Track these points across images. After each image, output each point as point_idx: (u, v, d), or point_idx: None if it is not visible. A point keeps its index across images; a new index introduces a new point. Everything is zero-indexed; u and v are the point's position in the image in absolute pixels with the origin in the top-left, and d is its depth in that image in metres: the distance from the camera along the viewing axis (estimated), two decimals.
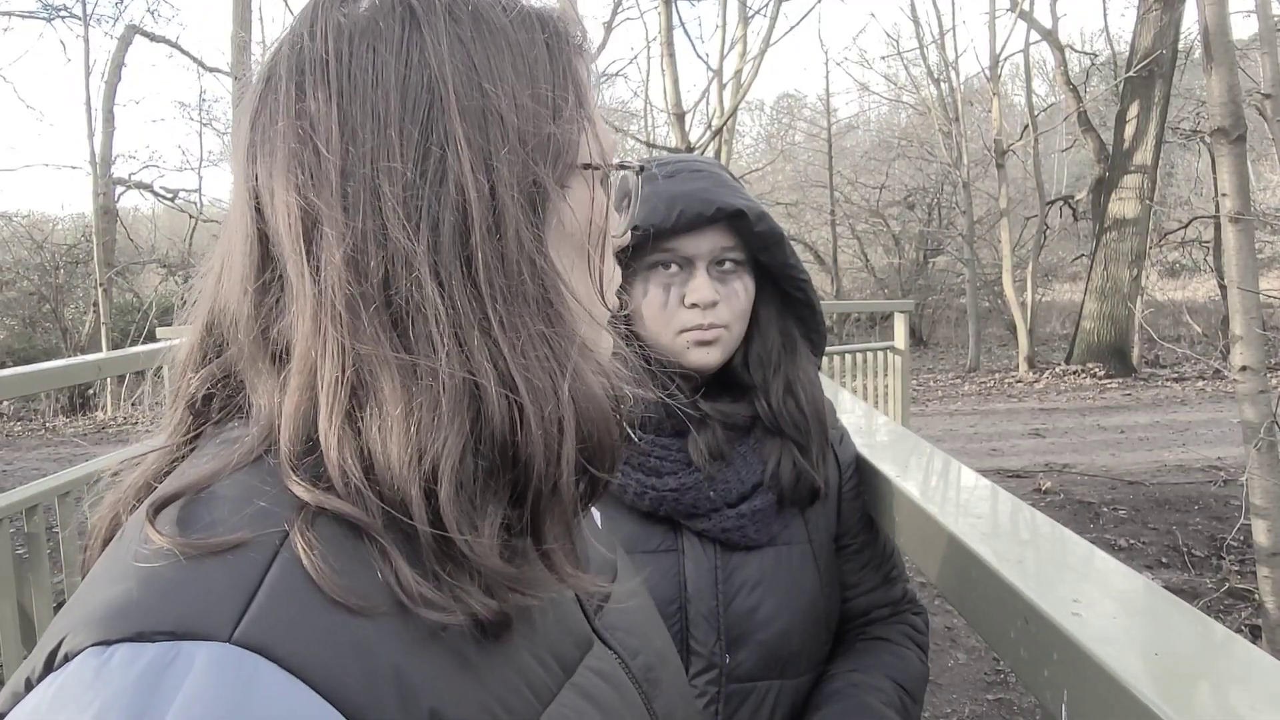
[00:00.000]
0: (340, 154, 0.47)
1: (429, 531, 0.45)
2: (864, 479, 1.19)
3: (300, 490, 0.44)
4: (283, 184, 0.48)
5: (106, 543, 0.49)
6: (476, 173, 0.48)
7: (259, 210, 0.49)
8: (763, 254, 1.08)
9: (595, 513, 0.73)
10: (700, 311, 1.03)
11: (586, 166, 0.54)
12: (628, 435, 0.55)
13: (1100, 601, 0.72)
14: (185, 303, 0.58)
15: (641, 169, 0.61)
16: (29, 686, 0.39)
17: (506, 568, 0.47)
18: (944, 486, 1.18)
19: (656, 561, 1.03)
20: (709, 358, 1.05)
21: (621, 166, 0.59)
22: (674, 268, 1.05)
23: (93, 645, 0.38)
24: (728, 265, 1.06)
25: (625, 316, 1.03)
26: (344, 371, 0.45)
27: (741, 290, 1.07)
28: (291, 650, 0.39)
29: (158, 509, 0.44)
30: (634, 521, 1.04)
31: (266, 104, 0.50)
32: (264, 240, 0.49)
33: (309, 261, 0.46)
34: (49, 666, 0.39)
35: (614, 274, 0.60)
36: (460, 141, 0.48)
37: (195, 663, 0.37)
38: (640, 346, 0.78)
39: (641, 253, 1.03)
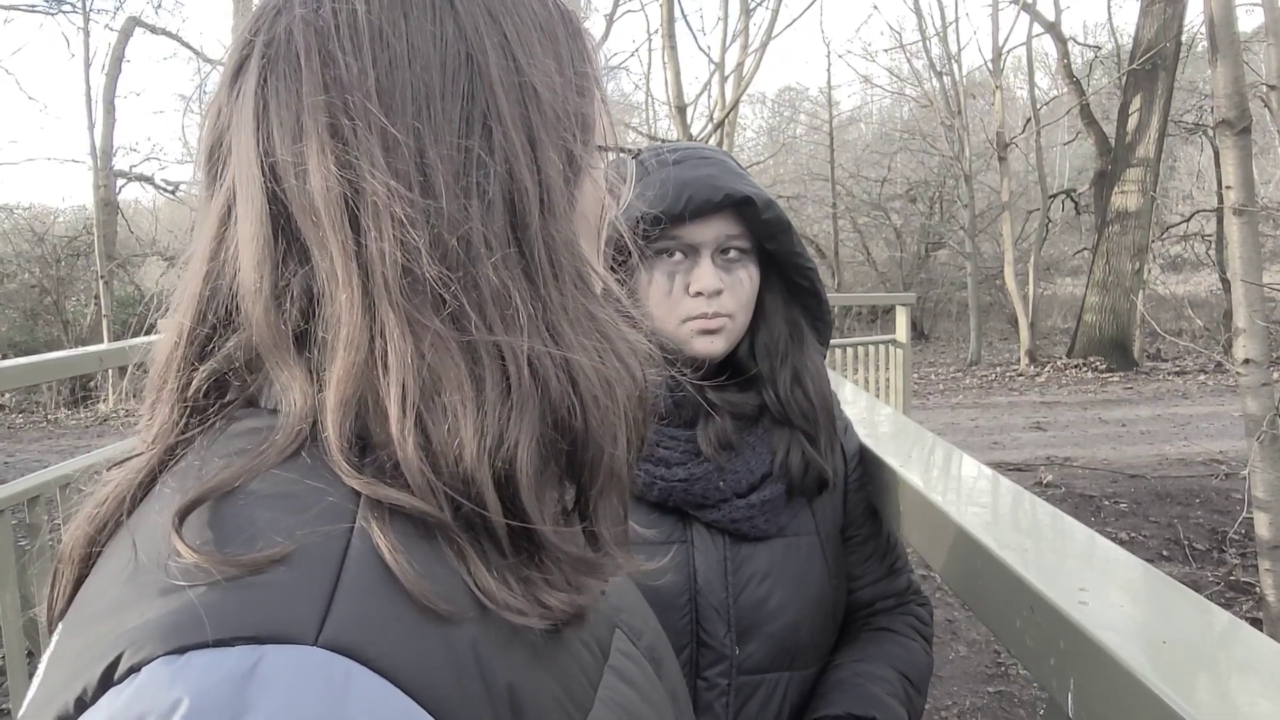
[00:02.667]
0: (381, 125, 0.45)
1: (505, 523, 0.44)
2: (868, 470, 1.18)
3: (364, 485, 0.42)
4: (319, 157, 0.44)
5: (87, 556, 0.45)
6: (522, 147, 0.47)
7: (277, 186, 0.45)
8: (769, 242, 1.07)
9: None
10: (705, 300, 1.03)
11: (601, 147, 0.54)
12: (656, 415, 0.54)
13: (1107, 590, 0.72)
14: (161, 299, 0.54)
15: (638, 154, 0.61)
16: (81, 707, 0.36)
17: (586, 553, 0.47)
18: (948, 476, 1.17)
19: (665, 553, 1.03)
20: (713, 346, 1.05)
21: (626, 151, 0.59)
22: (679, 255, 1.04)
23: (165, 654, 0.35)
24: (733, 254, 1.05)
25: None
26: (410, 357, 0.43)
27: (746, 279, 1.06)
28: (382, 653, 0.37)
29: (183, 515, 0.40)
30: (642, 512, 1.04)
31: (281, 74, 0.46)
32: (280, 219, 0.46)
33: (355, 239, 0.44)
34: (106, 683, 0.36)
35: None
36: (505, 115, 0.47)
37: (283, 667, 0.35)
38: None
39: (647, 240, 1.02)
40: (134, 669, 0.35)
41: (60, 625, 0.44)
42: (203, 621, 0.36)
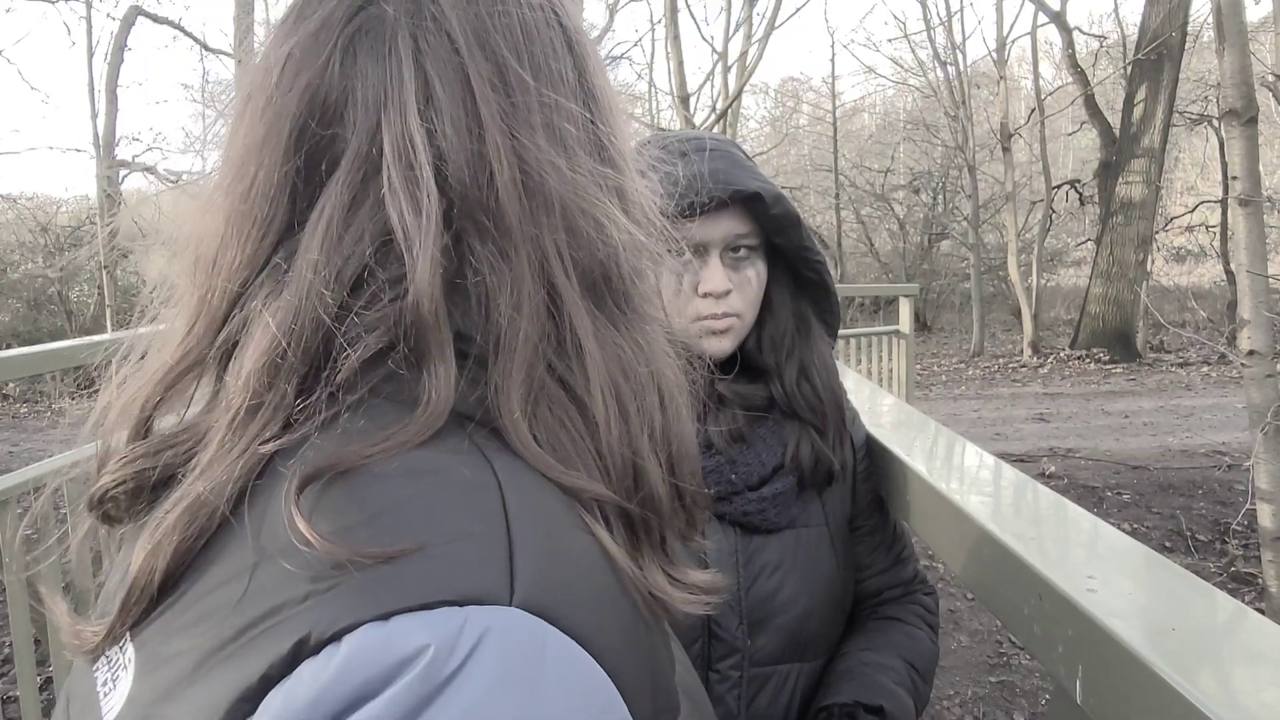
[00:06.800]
0: (557, 133, 0.46)
1: (643, 514, 0.45)
2: (874, 460, 1.18)
3: (565, 477, 0.43)
4: (500, 148, 0.44)
5: (179, 561, 0.41)
6: (623, 164, 0.49)
7: (445, 169, 0.44)
8: (778, 236, 1.07)
9: None
10: (713, 301, 1.02)
11: None
12: None
13: (1115, 578, 0.72)
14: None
15: (648, 143, 0.63)
16: (268, 683, 0.35)
17: (689, 528, 0.49)
18: (954, 465, 1.17)
19: None
20: (721, 346, 1.04)
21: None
22: (686, 255, 1.03)
23: (371, 620, 0.35)
24: (741, 251, 1.05)
25: None
26: (598, 349, 0.44)
27: (754, 277, 1.06)
28: (570, 614, 0.38)
29: (311, 495, 0.39)
30: None
31: (437, 55, 0.46)
32: (450, 203, 0.44)
33: (534, 231, 0.43)
34: (297, 655, 0.35)
35: None
36: (605, 97, 0.49)
37: (489, 625, 0.36)
38: None
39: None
40: (335, 638, 0.35)
41: (147, 634, 0.42)
42: (398, 589, 0.36)
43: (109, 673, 0.43)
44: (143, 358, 0.50)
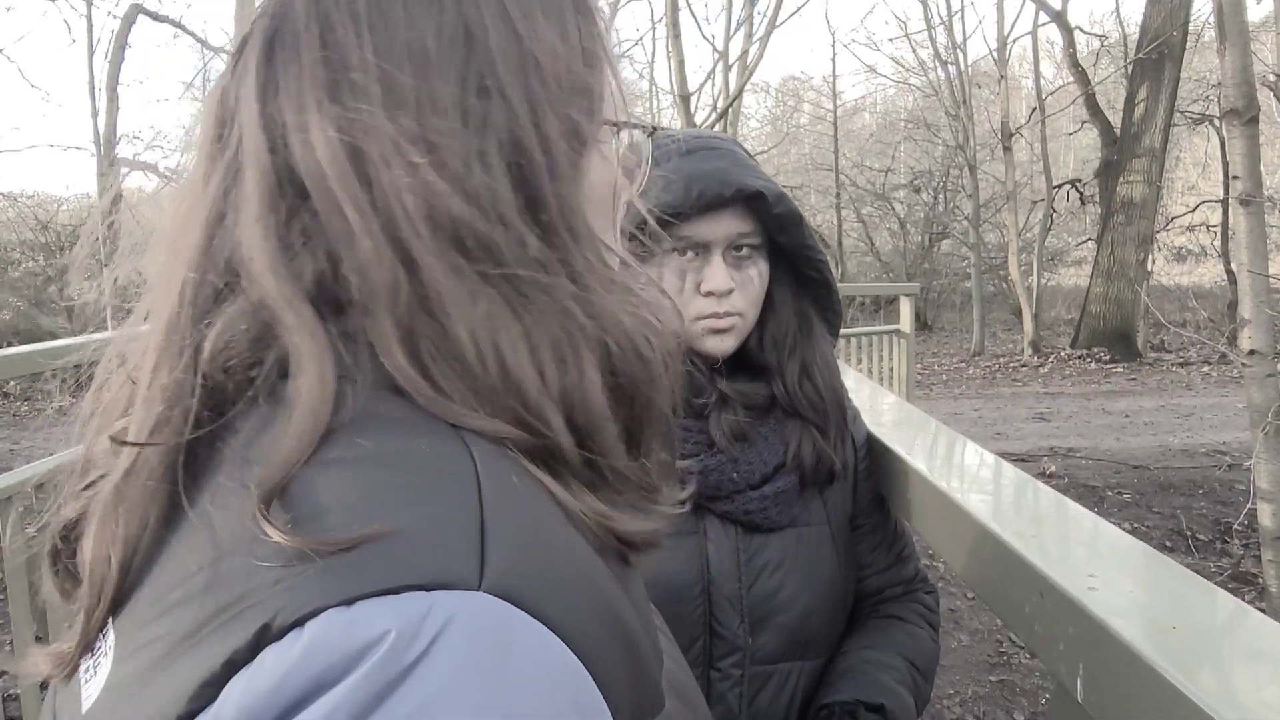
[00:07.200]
0: (380, 89, 0.45)
1: (580, 454, 0.45)
2: (875, 458, 1.19)
3: (485, 423, 0.42)
4: (318, 120, 0.45)
5: (126, 563, 0.42)
6: (524, 113, 0.47)
7: (284, 153, 0.46)
8: (780, 235, 1.07)
9: None
10: (716, 300, 1.02)
11: (609, 122, 0.53)
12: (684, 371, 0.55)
13: (1115, 576, 0.72)
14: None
15: (653, 132, 0.61)
16: (231, 668, 0.35)
17: (646, 479, 0.48)
18: (954, 464, 1.18)
19: (679, 544, 1.03)
20: (723, 345, 1.04)
21: (638, 126, 0.57)
22: (689, 254, 1.03)
23: (336, 605, 0.35)
24: (744, 251, 1.05)
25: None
26: (459, 294, 0.43)
27: (756, 276, 1.06)
28: (538, 599, 0.38)
29: (276, 492, 0.38)
30: None
31: (283, 45, 0.48)
32: (285, 183, 0.45)
33: (365, 192, 0.44)
34: (259, 643, 0.35)
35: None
36: (505, 82, 0.47)
37: (454, 614, 0.35)
38: None
39: (656, 238, 1.02)
40: (299, 623, 0.35)
41: (123, 620, 0.42)
42: (364, 574, 0.36)
43: (91, 660, 0.43)
44: (122, 363, 0.51)
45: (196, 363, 0.43)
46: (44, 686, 0.50)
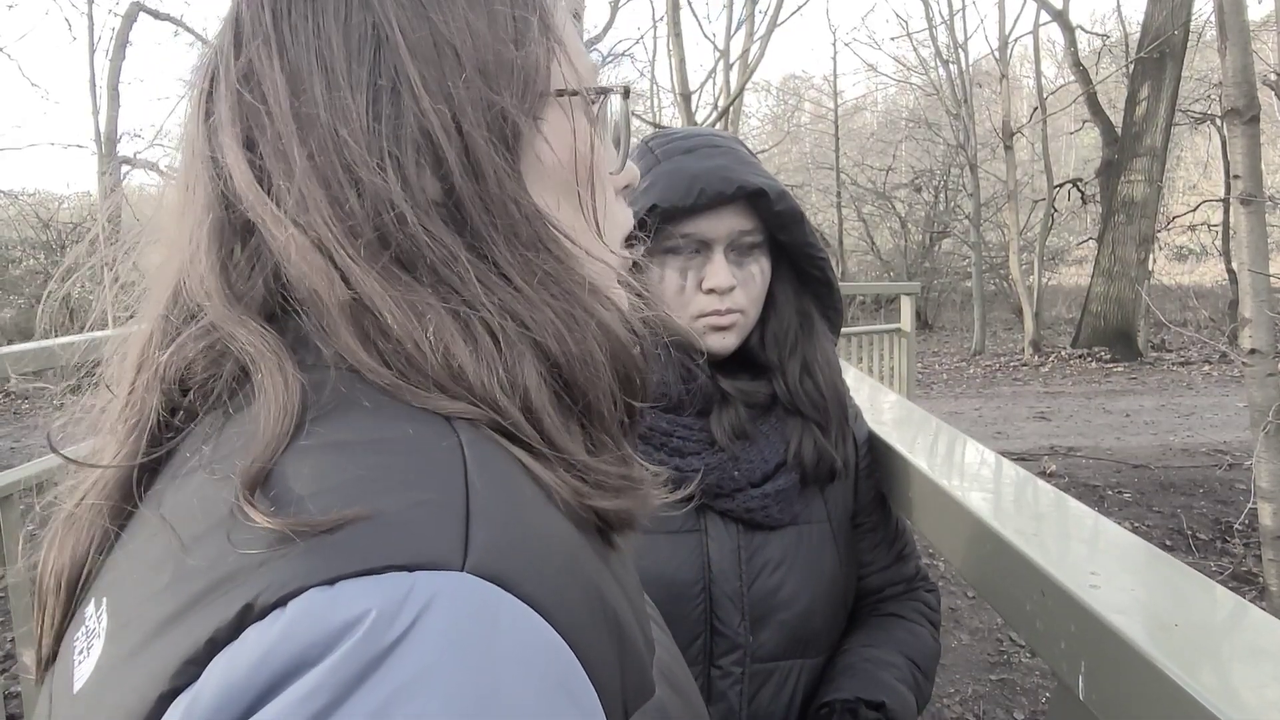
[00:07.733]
0: (290, 106, 0.46)
1: (539, 435, 0.45)
2: (876, 456, 1.19)
3: (450, 405, 0.43)
4: (233, 144, 0.47)
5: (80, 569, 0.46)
6: (436, 108, 0.47)
7: (217, 176, 0.48)
8: (781, 233, 1.07)
9: None
10: (718, 297, 1.03)
11: (560, 93, 0.52)
12: (653, 359, 0.54)
13: (1117, 574, 0.72)
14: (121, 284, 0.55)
15: (627, 91, 0.59)
16: (214, 647, 0.35)
17: (614, 467, 0.48)
18: (955, 462, 1.18)
19: (680, 542, 1.03)
20: (725, 342, 1.05)
21: (603, 91, 0.55)
22: (691, 251, 1.04)
23: (317, 585, 0.35)
24: (745, 248, 1.05)
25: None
26: (392, 293, 0.44)
27: (758, 274, 1.06)
28: (524, 580, 0.38)
29: (258, 478, 0.39)
30: None
31: (217, 76, 0.49)
32: (222, 204, 0.48)
33: (280, 210, 0.45)
34: (243, 620, 0.35)
35: (620, 214, 0.58)
36: (412, 78, 0.47)
37: (437, 591, 0.35)
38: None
39: (659, 236, 1.02)
40: (280, 602, 0.35)
41: (114, 603, 0.43)
42: (347, 554, 0.36)
43: (85, 641, 0.44)
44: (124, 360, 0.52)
45: (160, 383, 0.46)
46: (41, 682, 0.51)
